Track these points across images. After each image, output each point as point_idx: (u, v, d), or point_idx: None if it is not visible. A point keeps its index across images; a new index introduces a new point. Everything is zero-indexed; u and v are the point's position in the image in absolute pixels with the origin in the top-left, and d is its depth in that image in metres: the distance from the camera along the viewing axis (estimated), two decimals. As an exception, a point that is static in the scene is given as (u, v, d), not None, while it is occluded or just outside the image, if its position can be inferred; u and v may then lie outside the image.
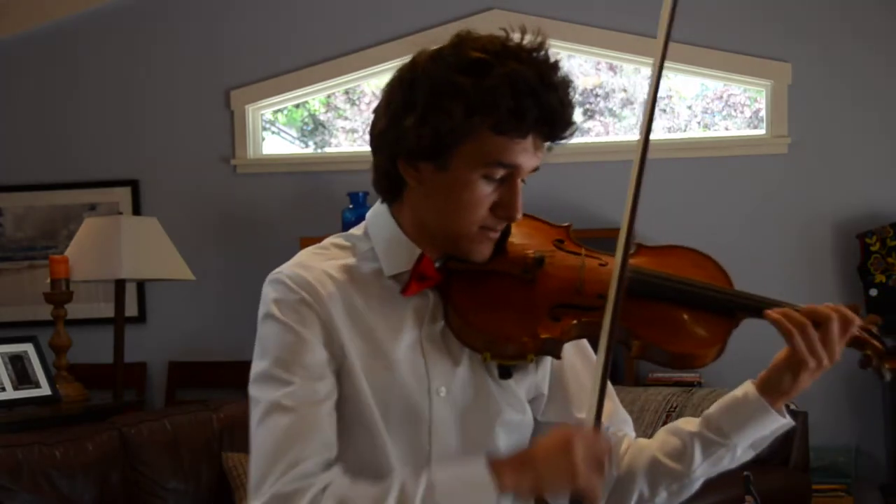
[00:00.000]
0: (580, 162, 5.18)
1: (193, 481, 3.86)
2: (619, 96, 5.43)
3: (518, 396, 1.63)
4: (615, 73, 5.46)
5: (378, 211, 1.64)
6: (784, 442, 4.22)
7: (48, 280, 4.47)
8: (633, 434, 1.71)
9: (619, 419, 1.71)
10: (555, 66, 1.54)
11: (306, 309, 1.53)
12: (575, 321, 1.54)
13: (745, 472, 2.44)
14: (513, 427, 1.63)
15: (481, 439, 1.59)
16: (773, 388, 1.57)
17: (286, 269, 1.58)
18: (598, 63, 5.46)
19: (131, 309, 5.38)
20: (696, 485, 1.64)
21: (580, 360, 1.70)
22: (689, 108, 5.42)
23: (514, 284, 1.57)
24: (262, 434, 1.50)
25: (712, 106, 5.41)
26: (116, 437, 3.71)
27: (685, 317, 1.57)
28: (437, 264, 1.59)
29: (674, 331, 1.56)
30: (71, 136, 5.70)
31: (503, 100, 1.47)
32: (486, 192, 1.53)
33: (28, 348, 4.19)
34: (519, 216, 1.56)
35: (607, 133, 5.44)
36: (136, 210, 5.58)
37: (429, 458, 1.56)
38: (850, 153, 5.00)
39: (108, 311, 4.94)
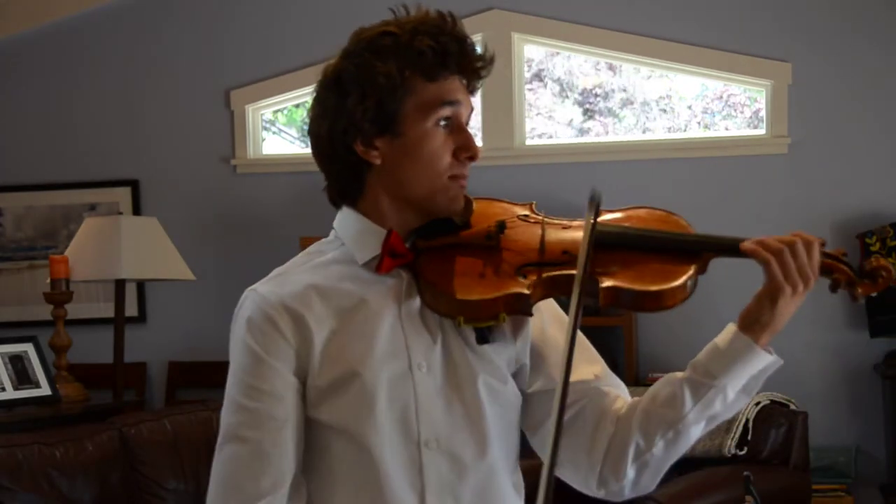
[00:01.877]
0: (580, 162, 5.18)
1: (193, 481, 3.85)
2: (618, 96, 5.43)
3: (497, 365, 1.65)
4: (615, 73, 5.46)
5: (342, 213, 1.72)
6: (784, 442, 4.23)
7: (48, 280, 4.47)
8: (628, 398, 1.72)
9: (611, 381, 1.71)
10: (450, 14, 1.65)
11: (273, 331, 1.59)
12: (539, 276, 1.60)
13: (746, 473, 2.44)
14: (495, 393, 1.64)
15: (466, 408, 1.62)
16: (754, 322, 1.59)
17: (261, 286, 1.65)
18: (598, 63, 5.46)
19: (131, 309, 5.38)
20: (693, 432, 1.62)
21: (562, 334, 1.70)
22: (689, 108, 5.42)
23: (479, 252, 1.64)
24: (218, 463, 1.60)
25: (712, 106, 5.41)
26: (116, 437, 3.71)
27: (649, 259, 1.63)
28: (407, 244, 1.65)
29: (639, 272, 1.61)
30: (71, 136, 5.70)
31: (424, 44, 1.59)
32: (442, 139, 1.62)
33: (28, 348, 4.19)
34: (479, 153, 1.65)
35: (607, 133, 5.44)
36: (136, 210, 5.58)
37: (418, 436, 1.59)
38: (850, 153, 5.00)
39: (108, 311, 4.94)
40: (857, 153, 4.99)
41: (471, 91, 1.67)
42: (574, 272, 1.55)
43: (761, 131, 5.19)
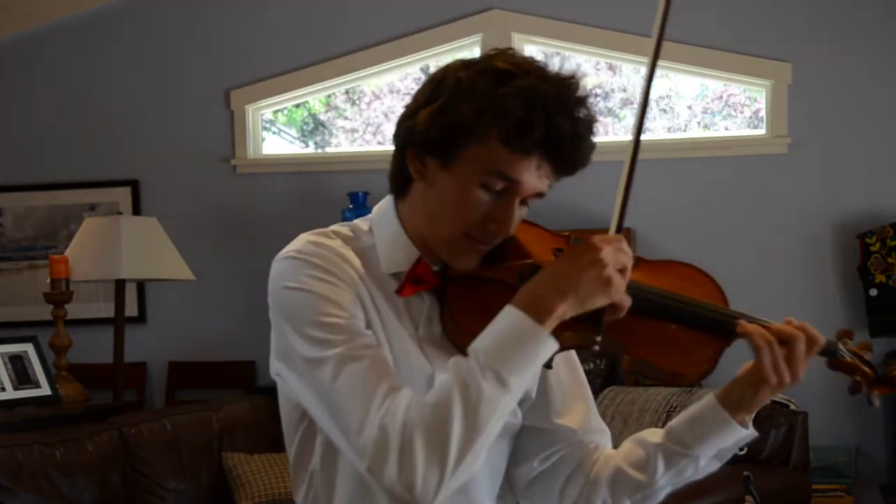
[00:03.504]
0: (580, 162, 5.18)
1: (193, 481, 3.86)
2: (618, 96, 5.43)
3: None
4: (615, 73, 5.46)
5: (384, 208, 1.65)
6: (784, 442, 4.23)
7: (48, 280, 4.47)
8: (608, 445, 1.71)
9: (591, 428, 1.70)
10: (580, 99, 1.52)
11: (333, 276, 1.52)
12: (570, 333, 1.51)
13: (746, 473, 2.43)
14: (506, 430, 1.62)
15: None
16: (734, 402, 1.59)
17: (300, 244, 1.56)
18: (598, 63, 5.46)
19: (131, 309, 5.38)
20: (661, 495, 1.65)
21: (565, 368, 1.70)
22: (689, 108, 5.42)
23: (510, 293, 1.53)
24: (345, 382, 1.45)
25: (712, 106, 5.41)
26: (116, 437, 3.71)
27: (679, 334, 1.57)
28: (435, 268, 1.60)
29: (666, 348, 1.56)
30: (71, 136, 5.70)
31: (513, 108, 1.47)
32: (480, 199, 1.52)
33: (28, 348, 4.19)
34: (509, 233, 1.55)
35: (607, 133, 5.44)
36: (136, 210, 5.58)
37: None
38: (850, 153, 5.00)
39: (108, 311, 4.94)
40: (857, 153, 4.99)
41: (555, 176, 1.55)
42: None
43: (761, 131, 5.19)
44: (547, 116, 1.47)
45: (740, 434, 1.60)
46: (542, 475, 1.67)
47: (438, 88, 1.54)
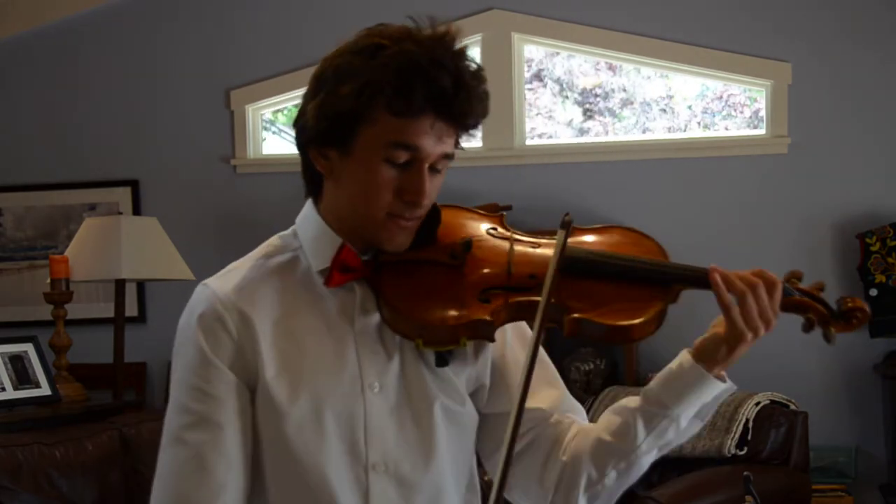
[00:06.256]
0: (579, 162, 5.18)
1: (193, 481, 3.85)
2: (618, 96, 5.43)
3: (455, 386, 1.60)
4: (615, 72, 5.46)
5: (306, 210, 1.66)
6: (784, 442, 4.23)
7: (48, 280, 4.46)
8: (584, 422, 1.68)
9: (566, 407, 1.67)
10: (457, 53, 1.53)
11: (222, 330, 1.54)
12: (505, 301, 1.54)
13: (746, 473, 2.44)
14: (452, 415, 1.59)
15: (419, 431, 1.57)
16: (709, 357, 1.54)
17: (214, 281, 1.60)
18: (598, 63, 5.46)
19: (131, 309, 5.38)
20: (645, 461, 1.59)
21: (521, 351, 1.67)
22: (690, 108, 5.42)
23: (443, 271, 1.56)
24: (162, 463, 1.59)
25: (712, 106, 5.41)
26: (116, 437, 3.71)
27: (617, 290, 1.55)
28: (365, 257, 1.58)
29: (606, 304, 1.54)
30: (71, 136, 5.70)
31: (388, 77, 1.48)
32: (389, 175, 1.51)
33: (28, 348, 4.18)
34: (426, 201, 1.53)
35: (606, 133, 5.44)
36: (136, 210, 5.58)
37: (366, 459, 1.54)
38: (850, 153, 5.00)
39: (108, 311, 4.93)
40: (857, 153, 4.99)
41: (455, 133, 1.54)
42: (540, 299, 1.48)
43: (761, 131, 5.19)
44: (424, 76, 1.47)
45: (719, 388, 1.56)
46: (519, 460, 1.62)
47: (320, 82, 1.54)
